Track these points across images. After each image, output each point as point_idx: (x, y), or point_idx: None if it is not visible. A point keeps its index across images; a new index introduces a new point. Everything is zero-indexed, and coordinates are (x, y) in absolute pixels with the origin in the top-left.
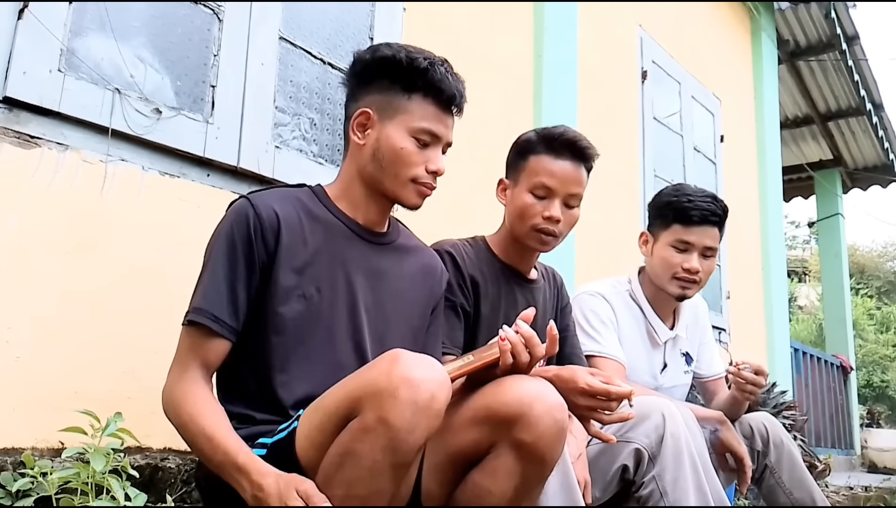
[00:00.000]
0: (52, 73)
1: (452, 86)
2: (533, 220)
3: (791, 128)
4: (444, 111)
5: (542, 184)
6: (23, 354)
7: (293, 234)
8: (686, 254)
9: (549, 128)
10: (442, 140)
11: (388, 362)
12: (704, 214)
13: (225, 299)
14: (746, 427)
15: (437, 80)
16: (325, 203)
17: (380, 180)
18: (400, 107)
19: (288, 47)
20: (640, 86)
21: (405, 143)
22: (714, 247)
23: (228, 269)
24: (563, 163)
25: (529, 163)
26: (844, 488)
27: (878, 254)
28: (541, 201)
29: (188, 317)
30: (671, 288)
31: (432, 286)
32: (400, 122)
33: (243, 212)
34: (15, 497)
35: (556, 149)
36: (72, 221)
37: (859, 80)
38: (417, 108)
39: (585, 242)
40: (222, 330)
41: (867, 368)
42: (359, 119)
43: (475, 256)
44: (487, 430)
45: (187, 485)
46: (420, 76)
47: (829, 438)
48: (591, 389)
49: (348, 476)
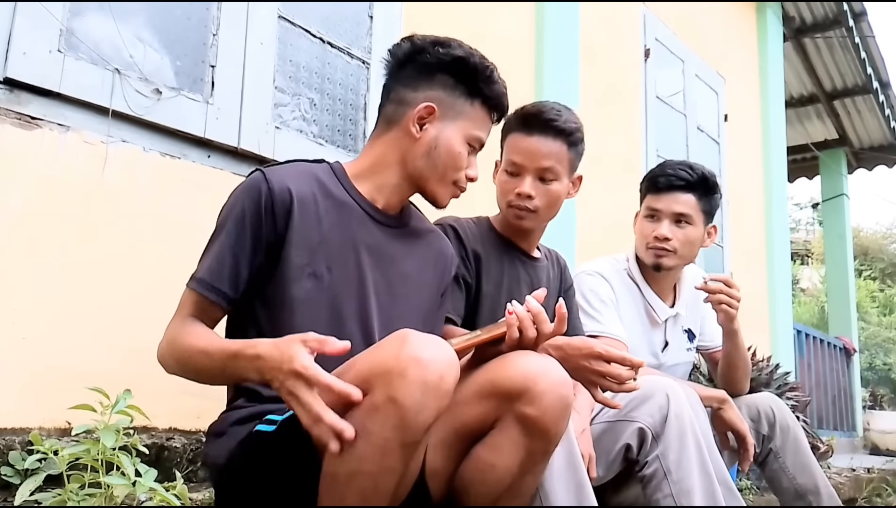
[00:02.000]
0: (51, 54)
1: (506, 100)
2: (507, 197)
3: (796, 107)
4: (494, 122)
5: (512, 161)
6: (28, 335)
7: (306, 212)
8: (657, 221)
9: (522, 106)
10: (478, 151)
11: (398, 342)
12: (670, 179)
13: (227, 271)
14: (754, 409)
15: (498, 92)
16: (343, 182)
17: (427, 177)
18: (463, 111)
19: (287, 26)
20: (643, 65)
21: (462, 148)
22: (686, 214)
23: (235, 241)
24: (532, 139)
25: (506, 143)
26: (847, 469)
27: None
28: (513, 178)
29: (191, 284)
30: (646, 259)
31: (443, 270)
32: (461, 127)
33: (256, 187)
34: (24, 476)
35: (525, 125)
36: (74, 202)
37: (866, 58)
38: (477, 116)
39: (587, 222)
40: (220, 300)
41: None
42: (421, 112)
43: (478, 232)
44: (492, 405)
45: (193, 464)
46: (485, 84)
47: (832, 420)
48: (607, 354)
49: (358, 455)
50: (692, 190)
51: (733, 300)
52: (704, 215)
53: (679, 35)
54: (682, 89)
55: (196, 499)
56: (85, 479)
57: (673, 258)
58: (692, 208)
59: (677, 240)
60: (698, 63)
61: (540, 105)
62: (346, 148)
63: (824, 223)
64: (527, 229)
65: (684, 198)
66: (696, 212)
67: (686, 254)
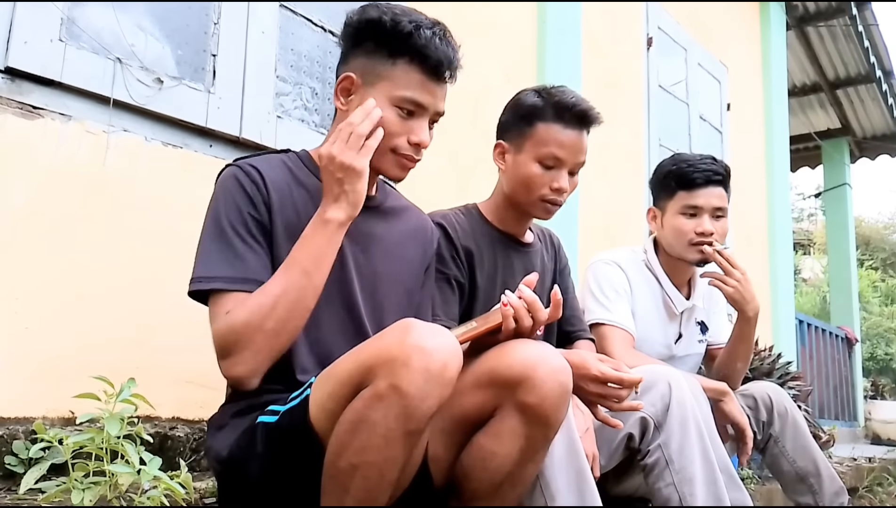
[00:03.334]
0: (52, 43)
1: (440, 52)
2: (541, 191)
3: (799, 96)
4: (431, 79)
5: (553, 155)
6: (31, 324)
7: (283, 200)
8: (696, 218)
9: (553, 91)
10: (428, 110)
11: (401, 331)
12: (707, 175)
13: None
14: (751, 397)
15: (420, 45)
16: (311, 167)
17: None
18: (383, 73)
19: (288, 15)
20: (646, 54)
21: (386, 112)
22: (723, 207)
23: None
24: (572, 133)
25: (537, 131)
26: (848, 459)
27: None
28: (549, 171)
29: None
30: (689, 256)
31: (424, 245)
32: (382, 90)
33: (234, 177)
34: (28, 465)
35: (566, 118)
36: (76, 192)
37: (869, 47)
38: (401, 76)
39: (589, 212)
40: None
41: (871, 341)
42: (343, 83)
43: (468, 226)
44: (492, 393)
45: (196, 454)
46: (403, 40)
47: (834, 410)
48: (604, 376)
49: (362, 443)
50: (724, 183)
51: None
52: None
53: (682, 24)
54: (685, 78)
55: (200, 488)
56: (89, 468)
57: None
58: (725, 201)
59: (718, 234)
60: (701, 52)
61: (577, 97)
62: None
63: (826, 213)
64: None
65: (718, 191)
66: (727, 204)
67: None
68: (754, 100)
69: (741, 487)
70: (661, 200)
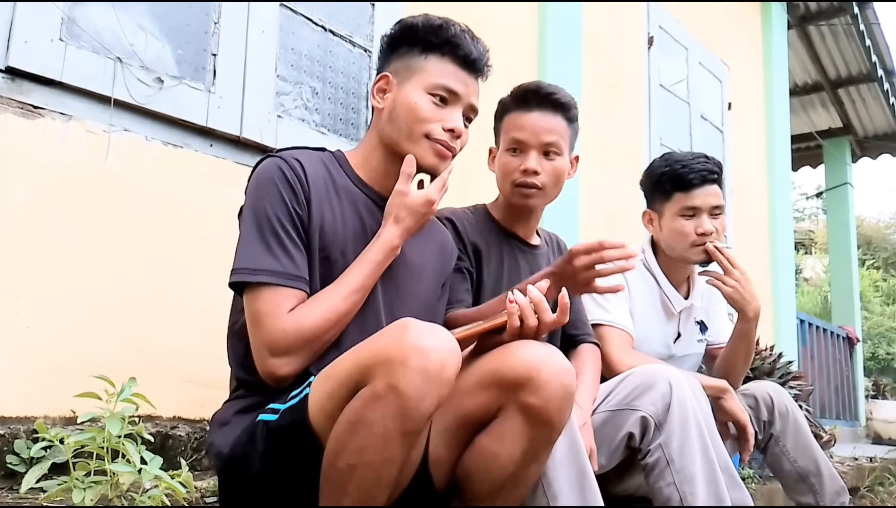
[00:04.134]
0: (53, 42)
1: (470, 45)
2: (512, 176)
3: (800, 95)
4: (463, 69)
5: (514, 139)
6: (32, 324)
7: (319, 196)
8: (695, 218)
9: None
10: (462, 99)
11: (398, 330)
12: (703, 174)
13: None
14: (751, 396)
15: (451, 35)
16: (346, 170)
17: (396, 140)
18: (417, 67)
19: (289, 14)
20: (647, 53)
21: (419, 99)
22: (720, 205)
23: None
24: (532, 115)
25: (504, 123)
26: (849, 459)
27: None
28: (517, 156)
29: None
30: (692, 257)
31: (444, 262)
32: (417, 82)
33: (277, 168)
34: (29, 464)
35: (523, 101)
36: (76, 191)
37: (871, 46)
38: (434, 66)
39: (590, 211)
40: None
41: (872, 340)
42: (378, 84)
43: (476, 223)
44: (495, 394)
45: (197, 453)
46: (434, 33)
47: (835, 409)
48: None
49: (360, 443)
50: (718, 180)
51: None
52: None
53: (683, 23)
54: (686, 77)
55: (201, 487)
56: (90, 467)
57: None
58: (721, 198)
59: (718, 233)
60: (702, 51)
61: (535, 82)
62: (347, 136)
63: (828, 212)
64: (532, 208)
65: (714, 190)
66: (722, 201)
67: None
68: (755, 99)
69: (742, 487)
70: (657, 203)
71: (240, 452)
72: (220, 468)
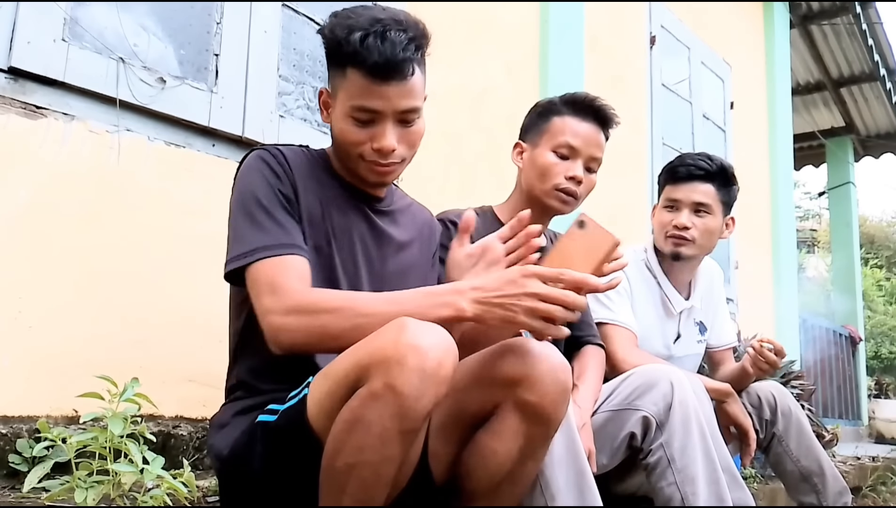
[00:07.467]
0: (55, 43)
1: (375, 53)
2: (555, 180)
3: (802, 94)
4: (376, 81)
5: (567, 144)
6: (35, 323)
7: (305, 184)
8: (676, 211)
9: (572, 93)
10: (384, 113)
11: (396, 329)
12: (689, 169)
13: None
14: (754, 396)
15: (352, 52)
16: (326, 165)
17: (342, 160)
18: (339, 85)
19: (291, 14)
20: (649, 52)
21: (343, 124)
22: (705, 204)
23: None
24: (587, 126)
25: (553, 124)
26: (852, 458)
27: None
28: (564, 161)
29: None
30: (665, 248)
31: (429, 242)
32: (340, 102)
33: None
34: (32, 464)
35: (581, 111)
36: (79, 191)
37: (873, 45)
38: (350, 85)
39: (592, 210)
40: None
41: (875, 339)
42: (321, 99)
43: (482, 227)
44: (492, 391)
45: (199, 452)
46: (341, 50)
47: (837, 409)
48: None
49: (358, 443)
50: (711, 180)
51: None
52: (723, 206)
53: (685, 22)
54: (688, 77)
55: (203, 487)
56: (93, 467)
57: (692, 247)
58: (711, 198)
59: (696, 230)
60: (704, 50)
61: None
62: None
63: (830, 211)
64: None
65: (703, 187)
66: (714, 202)
67: (705, 245)
68: (758, 98)
69: (743, 486)
70: (659, 195)
71: (240, 453)
72: (220, 469)
